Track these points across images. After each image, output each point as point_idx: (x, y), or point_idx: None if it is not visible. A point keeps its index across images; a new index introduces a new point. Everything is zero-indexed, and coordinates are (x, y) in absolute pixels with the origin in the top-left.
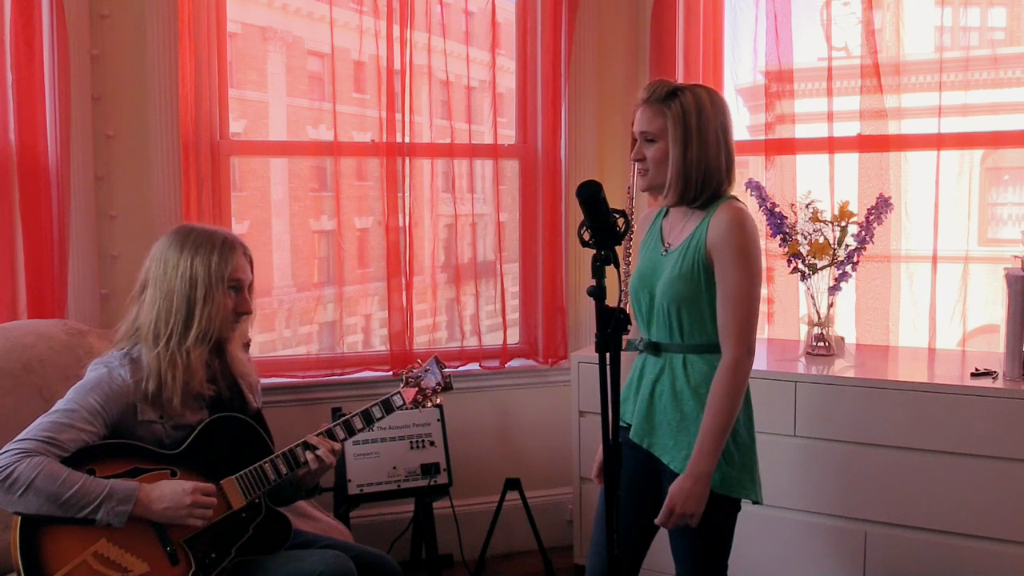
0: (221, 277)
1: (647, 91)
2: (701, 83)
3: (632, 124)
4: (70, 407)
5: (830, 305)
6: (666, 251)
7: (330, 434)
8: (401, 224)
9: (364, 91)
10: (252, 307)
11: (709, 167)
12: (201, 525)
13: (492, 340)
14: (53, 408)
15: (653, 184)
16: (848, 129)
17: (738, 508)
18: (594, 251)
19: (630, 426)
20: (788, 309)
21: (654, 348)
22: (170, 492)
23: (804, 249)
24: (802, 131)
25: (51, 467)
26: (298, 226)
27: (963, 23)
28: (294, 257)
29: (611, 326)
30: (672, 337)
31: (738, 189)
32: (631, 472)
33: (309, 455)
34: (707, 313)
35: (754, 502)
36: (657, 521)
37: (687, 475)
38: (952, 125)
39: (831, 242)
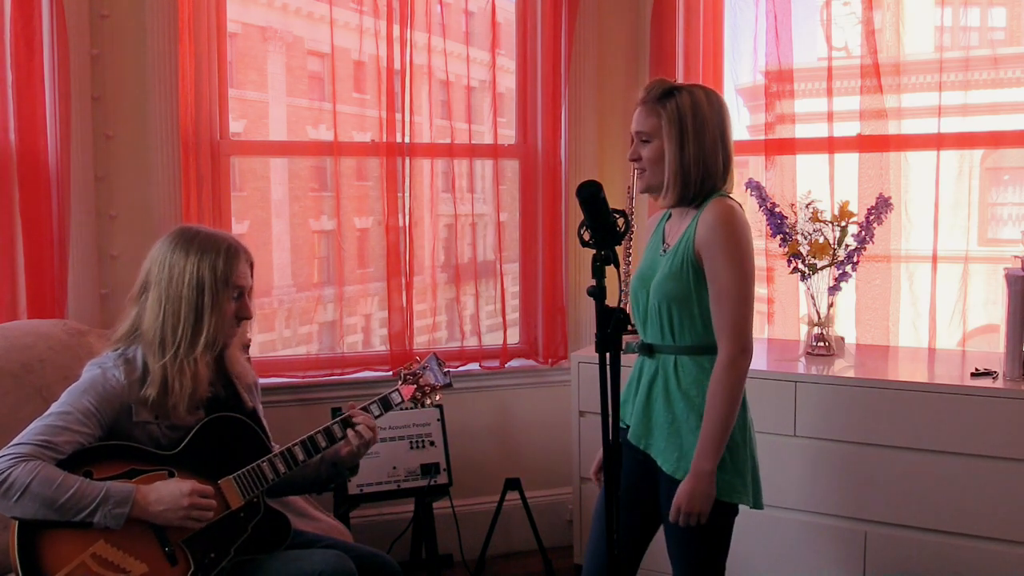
0: (226, 283)
1: (644, 91)
2: (700, 83)
3: (632, 124)
4: (64, 409)
5: (830, 305)
6: (664, 251)
7: (365, 412)
8: (401, 224)
9: (364, 91)
10: (252, 312)
11: (707, 166)
12: (199, 527)
13: (492, 340)
14: (47, 411)
15: (651, 184)
16: (848, 129)
17: (735, 512)
18: (594, 251)
19: (629, 427)
20: (788, 309)
21: (648, 350)
22: (168, 494)
23: (804, 249)
24: (802, 131)
25: (47, 471)
26: (298, 226)
27: (963, 23)
28: (294, 257)
29: (611, 326)
30: (664, 338)
31: (738, 189)
32: (630, 473)
33: (350, 431)
34: (697, 313)
35: (752, 506)
36: (670, 519)
37: (690, 474)
38: (952, 125)
39: (831, 242)
